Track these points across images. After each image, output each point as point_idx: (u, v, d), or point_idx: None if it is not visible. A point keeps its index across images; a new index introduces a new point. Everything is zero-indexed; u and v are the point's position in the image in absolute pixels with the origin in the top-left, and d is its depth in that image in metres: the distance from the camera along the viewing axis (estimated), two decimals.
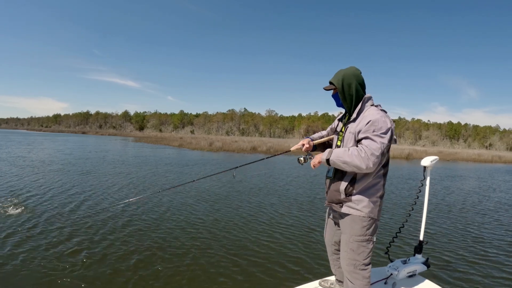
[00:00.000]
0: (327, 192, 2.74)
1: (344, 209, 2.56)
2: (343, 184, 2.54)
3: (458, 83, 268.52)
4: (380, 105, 2.58)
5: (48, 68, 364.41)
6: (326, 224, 3.04)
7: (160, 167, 17.09)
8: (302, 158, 2.77)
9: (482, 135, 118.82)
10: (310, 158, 2.74)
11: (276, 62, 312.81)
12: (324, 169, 2.75)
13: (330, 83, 2.67)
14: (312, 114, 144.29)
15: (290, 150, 3.04)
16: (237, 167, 3.43)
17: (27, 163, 16.23)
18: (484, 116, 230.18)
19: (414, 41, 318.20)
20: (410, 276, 3.21)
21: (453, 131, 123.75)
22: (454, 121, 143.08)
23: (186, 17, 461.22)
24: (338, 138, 2.74)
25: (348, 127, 2.59)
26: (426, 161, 3.30)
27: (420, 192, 3.41)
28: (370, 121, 2.38)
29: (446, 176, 19.24)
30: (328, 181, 2.72)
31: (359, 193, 2.50)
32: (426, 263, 3.34)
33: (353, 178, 2.51)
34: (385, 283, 3.11)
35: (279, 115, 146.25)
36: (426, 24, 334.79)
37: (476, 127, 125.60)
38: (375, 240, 2.59)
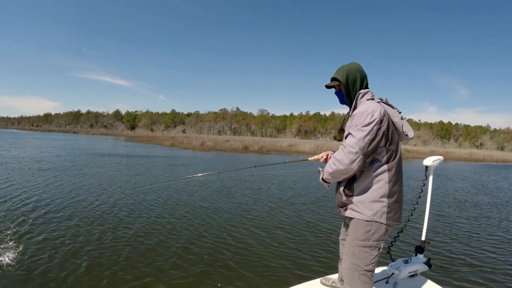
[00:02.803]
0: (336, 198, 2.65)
1: (348, 213, 2.42)
2: (343, 185, 2.44)
3: (450, 83, 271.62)
4: (381, 99, 2.43)
5: (38, 67, 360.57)
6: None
7: (137, 167, 16.84)
8: (320, 169, 2.68)
9: (473, 134, 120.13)
10: None
11: (268, 61, 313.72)
12: None
13: (333, 79, 2.56)
14: (303, 113, 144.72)
15: (307, 160, 3.02)
16: (255, 166, 3.59)
17: None
18: (475, 116, 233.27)
19: (406, 41, 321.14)
20: (411, 276, 3.18)
21: (444, 131, 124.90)
22: (445, 120, 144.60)
23: (177, 16, 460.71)
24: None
25: (347, 125, 2.48)
26: (429, 161, 3.22)
27: (422, 192, 3.36)
28: (354, 114, 2.30)
29: (444, 175, 19.22)
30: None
31: (359, 194, 2.35)
32: (427, 263, 3.29)
33: (352, 178, 2.37)
34: (387, 282, 3.09)
35: (270, 115, 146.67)
36: (418, 24, 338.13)
37: (467, 126, 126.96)
38: (382, 246, 2.37)
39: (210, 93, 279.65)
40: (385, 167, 2.32)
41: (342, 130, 2.69)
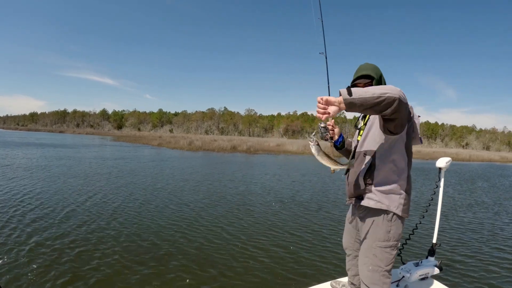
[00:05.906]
0: (347, 187, 2.54)
1: (364, 202, 2.35)
2: (362, 173, 2.35)
3: (436, 83, 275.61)
4: None
5: (24, 66, 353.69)
6: (345, 227, 2.85)
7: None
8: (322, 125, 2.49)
9: (458, 134, 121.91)
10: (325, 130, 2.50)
11: (256, 61, 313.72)
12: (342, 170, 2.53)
13: (363, 76, 2.50)
14: (291, 113, 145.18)
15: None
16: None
17: None
18: (461, 116, 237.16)
19: (392, 40, 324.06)
20: (422, 279, 3.17)
21: (431, 131, 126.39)
22: (432, 120, 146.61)
23: (164, 14, 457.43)
24: (358, 133, 2.58)
25: (371, 117, 2.42)
26: (441, 163, 3.16)
27: (434, 194, 3.30)
28: None
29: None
30: (347, 175, 2.53)
31: (379, 183, 2.29)
32: (438, 266, 3.27)
33: (372, 167, 2.30)
34: (397, 285, 3.08)
35: (258, 114, 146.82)
36: (404, 23, 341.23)
37: (453, 127, 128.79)
38: (399, 245, 2.41)
39: (198, 93, 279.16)
40: (406, 159, 2.30)
41: (356, 127, 2.68)
